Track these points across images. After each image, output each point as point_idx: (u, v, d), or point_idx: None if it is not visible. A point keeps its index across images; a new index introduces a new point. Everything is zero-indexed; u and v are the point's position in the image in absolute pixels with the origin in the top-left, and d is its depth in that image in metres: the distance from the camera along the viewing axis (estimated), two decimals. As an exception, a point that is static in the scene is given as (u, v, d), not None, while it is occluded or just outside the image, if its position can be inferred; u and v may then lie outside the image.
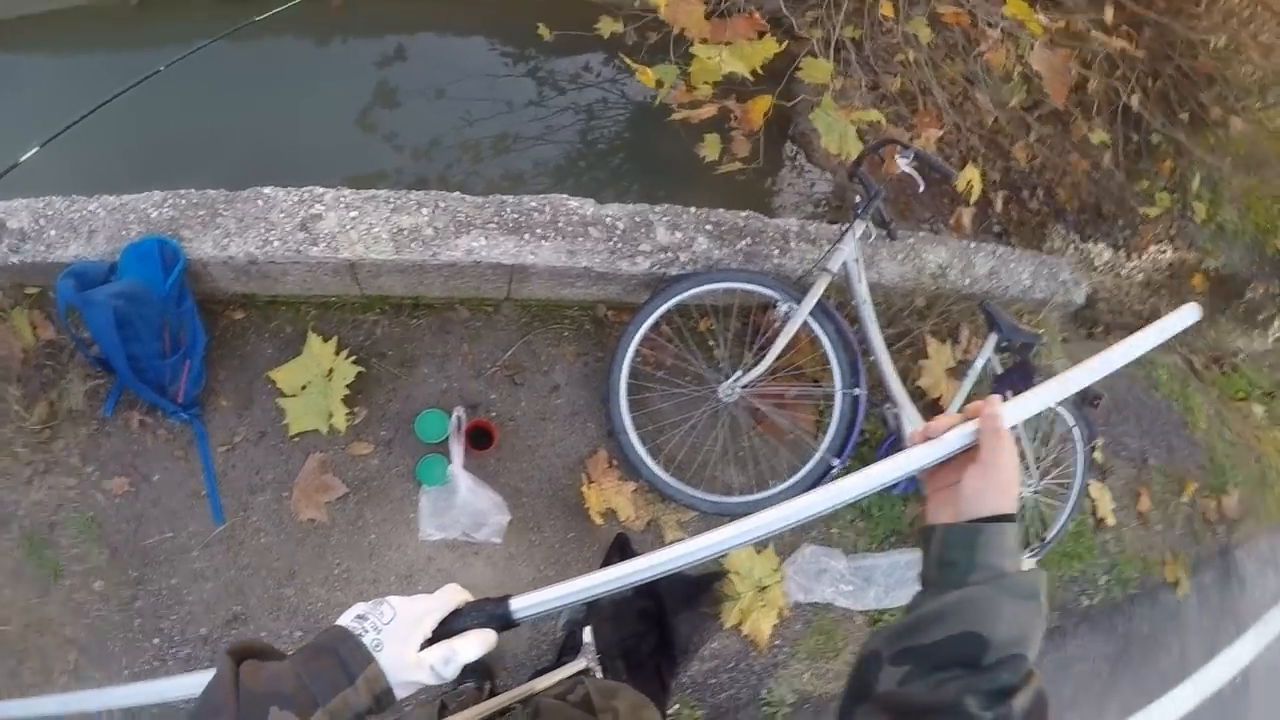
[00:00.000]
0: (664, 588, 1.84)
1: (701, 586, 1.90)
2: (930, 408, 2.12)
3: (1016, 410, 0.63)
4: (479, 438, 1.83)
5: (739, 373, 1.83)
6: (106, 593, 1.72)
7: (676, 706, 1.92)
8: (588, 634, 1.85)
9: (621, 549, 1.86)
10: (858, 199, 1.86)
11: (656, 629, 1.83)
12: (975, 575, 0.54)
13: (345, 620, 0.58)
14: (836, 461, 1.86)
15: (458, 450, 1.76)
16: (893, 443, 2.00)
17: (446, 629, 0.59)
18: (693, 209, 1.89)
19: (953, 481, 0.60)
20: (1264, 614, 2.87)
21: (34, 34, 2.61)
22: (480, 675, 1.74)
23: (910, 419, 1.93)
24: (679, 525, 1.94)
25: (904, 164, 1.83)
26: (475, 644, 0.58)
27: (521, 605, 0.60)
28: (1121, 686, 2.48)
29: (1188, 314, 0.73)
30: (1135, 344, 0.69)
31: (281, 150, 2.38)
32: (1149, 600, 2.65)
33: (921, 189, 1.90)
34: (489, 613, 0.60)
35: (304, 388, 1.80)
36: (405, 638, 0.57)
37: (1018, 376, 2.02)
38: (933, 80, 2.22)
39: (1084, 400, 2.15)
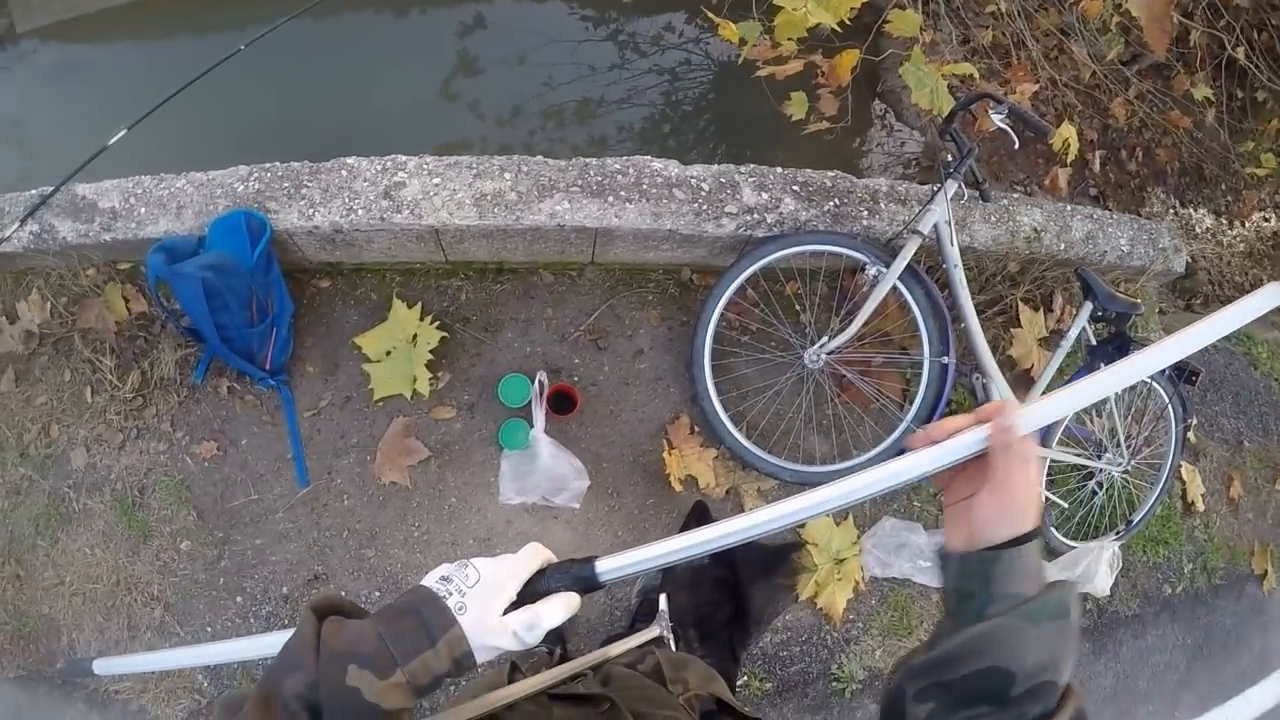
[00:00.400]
0: (740, 557, 1.82)
1: (779, 557, 1.88)
2: (1021, 379, 2.03)
3: (1034, 417, 0.54)
4: (561, 402, 1.82)
5: (825, 338, 1.77)
6: (193, 553, 1.79)
7: (745, 678, 1.90)
8: (663, 601, 1.83)
9: (700, 517, 1.85)
10: (949, 157, 1.78)
11: (731, 598, 1.81)
12: (994, 607, 0.51)
13: (429, 582, 0.57)
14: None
15: (539, 415, 1.76)
16: (981, 414, 1.92)
17: (530, 591, 0.58)
18: (779, 169, 1.83)
19: (968, 494, 0.55)
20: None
21: (119, 24, 2.68)
22: (553, 639, 1.75)
23: (1000, 389, 1.85)
24: (759, 494, 1.91)
25: (998, 119, 1.73)
26: (559, 609, 0.57)
27: (607, 567, 0.58)
28: (1197, 681, 2.37)
29: (1269, 295, 0.60)
30: (1197, 333, 0.57)
31: (365, 123, 2.40)
32: (1234, 592, 2.52)
33: (1016, 146, 1.80)
34: (574, 575, 0.58)
35: (389, 353, 1.82)
36: (489, 601, 0.55)
37: (1113, 348, 1.91)
38: (1026, 32, 2.09)
39: (1180, 376, 2.02)
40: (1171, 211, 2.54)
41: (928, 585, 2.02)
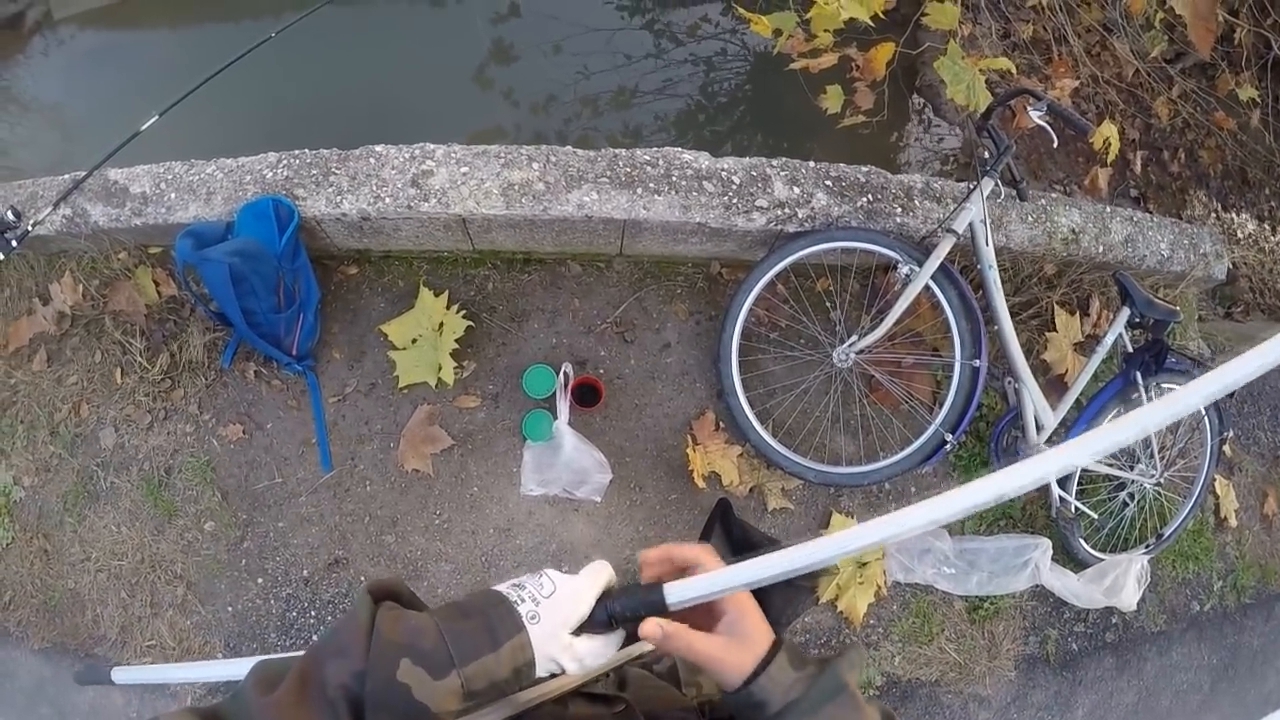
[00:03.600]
0: (762, 557, 1.79)
1: (801, 558, 1.85)
2: (1054, 384, 1.99)
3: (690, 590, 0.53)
4: (586, 395, 1.81)
5: (854, 337, 1.74)
6: (217, 533, 1.81)
7: (763, 680, 1.88)
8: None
9: (724, 515, 1.82)
10: (986, 154, 1.74)
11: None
12: (776, 717, 0.53)
13: (502, 586, 0.55)
14: (950, 437, 1.76)
15: (564, 407, 1.75)
16: (1012, 419, 1.88)
17: (591, 614, 0.55)
18: (811, 163, 1.80)
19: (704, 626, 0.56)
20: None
21: (153, 10, 2.71)
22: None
23: (1032, 395, 1.81)
24: (783, 493, 1.88)
25: (1036, 116, 1.69)
26: (626, 649, 0.56)
27: (676, 596, 0.53)
28: (1221, 703, 2.30)
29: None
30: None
31: (395, 111, 2.40)
32: (1263, 612, 2.45)
33: (1055, 144, 1.76)
34: (644, 601, 0.54)
35: (414, 341, 1.82)
36: (565, 617, 0.53)
37: (1149, 356, 1.86)
38: (1068, 27, 2.03)
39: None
40: (1213, 215, 2.46)
41: (950, 592, 1.98)
